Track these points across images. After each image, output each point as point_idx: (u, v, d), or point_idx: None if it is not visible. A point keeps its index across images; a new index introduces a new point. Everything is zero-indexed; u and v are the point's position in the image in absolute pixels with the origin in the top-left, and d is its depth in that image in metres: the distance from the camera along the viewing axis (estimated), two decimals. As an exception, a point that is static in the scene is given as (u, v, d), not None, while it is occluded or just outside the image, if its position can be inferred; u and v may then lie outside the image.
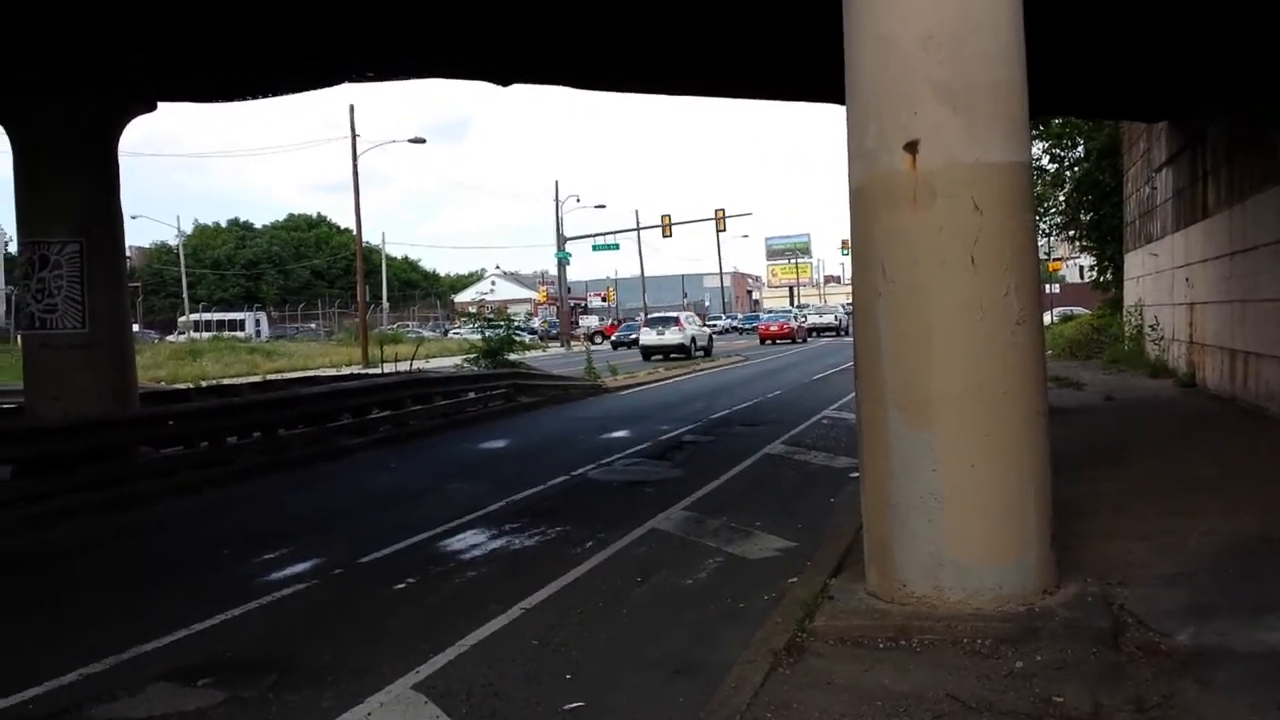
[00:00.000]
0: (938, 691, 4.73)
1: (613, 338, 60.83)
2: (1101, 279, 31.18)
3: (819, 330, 63.34)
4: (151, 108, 13.80)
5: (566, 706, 5.16)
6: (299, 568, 8.31)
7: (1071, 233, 31.95)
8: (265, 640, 6.51)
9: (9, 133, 13.09)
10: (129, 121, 13.66)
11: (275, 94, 13.93)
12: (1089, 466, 9.81)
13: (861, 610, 5.74)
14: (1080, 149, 29.96)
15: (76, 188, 12.75)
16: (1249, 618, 5.43)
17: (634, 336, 46.96)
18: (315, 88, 14.11)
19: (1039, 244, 6.48)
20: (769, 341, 54.66)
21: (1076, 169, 29.89)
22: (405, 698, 5.34)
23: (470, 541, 9.08)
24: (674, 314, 49.92)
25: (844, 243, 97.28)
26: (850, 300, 6.60)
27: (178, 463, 12.84)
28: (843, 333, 59.40)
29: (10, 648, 6.54)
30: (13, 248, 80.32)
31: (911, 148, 5.36)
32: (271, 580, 7.92)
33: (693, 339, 42.85)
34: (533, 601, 7.00)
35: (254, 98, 14.00)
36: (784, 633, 5.63)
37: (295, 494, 12.40)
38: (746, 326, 75.74)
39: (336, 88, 14.65)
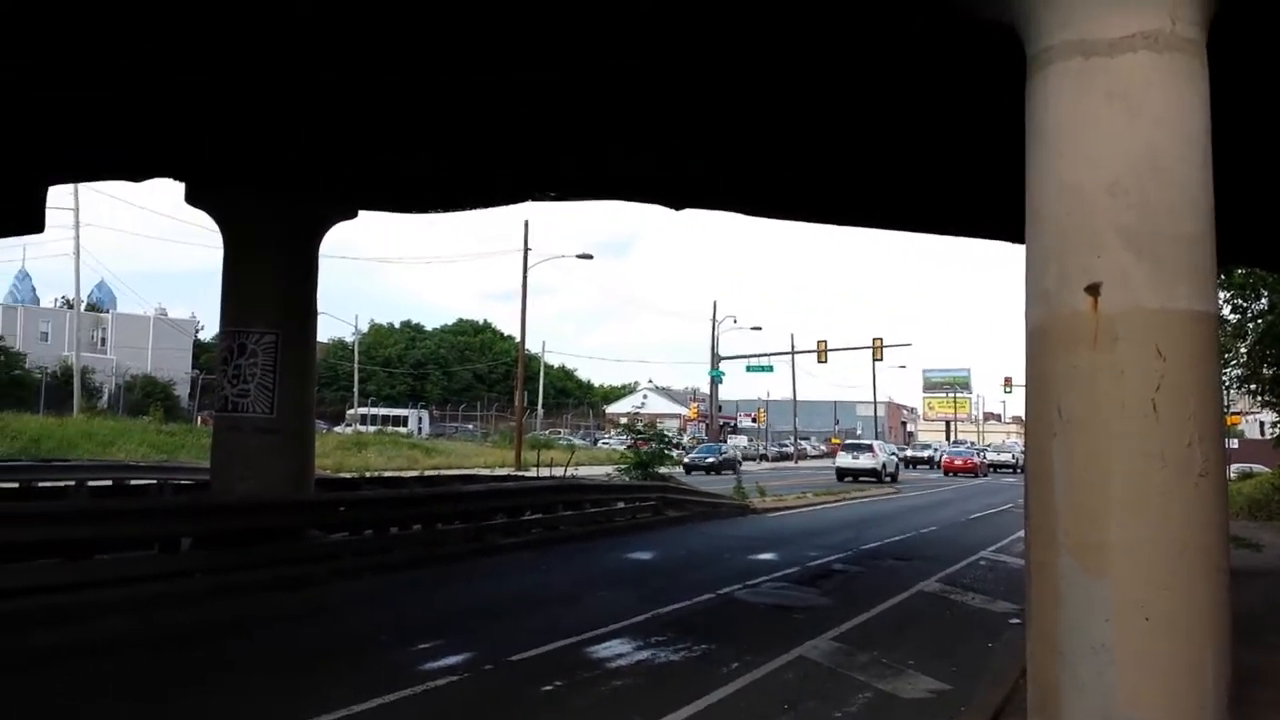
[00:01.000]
0: None
1: (686, 460, 46.90)
2: (1284, 436, 29.44)
3: (996, 467, 64.33)
4: (352, 215, 14.86)
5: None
6: (452, 660, 8.51)
7: (1253, 386, 30.37)
8: (418, 729, 6.70)
9: (222, 229, 14.27)
10: (332, 225, 14.73)
11: (465, 209, 14.87)
12: (1268, 633, 9.22)
13: (1023, 760, 5.53)
14: (1264, 301, 28.70)
15: (279, 283, 13.75)
16: None
17: (711, 460, 45.38)
18: (502, 204, 14.99)
19: (1220, 396, 6.34)
20: (951, 474, 57.23)
21: (1260, 321, 28.56)
22: (550, 801, 5.41)
23: (616, 650, 9.13)
24: (868, 441, 55.53)
25: (1006, 380, 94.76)
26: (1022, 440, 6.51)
27: (344, 548, 13.39)
28: (1018, 470, 59.94)
29: (177, 714, 6.90)
30: (202, 335, 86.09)
31: (1093, 290, 5.36)
32: (426, 670, 8.13)
33: (884, 465, 46.85)
34: (677, 718, 6.98)
35: (446, 210, 14.96)
36: (939, 776, 5.47)
37: (451, 587, 12.71)
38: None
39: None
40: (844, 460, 47.93)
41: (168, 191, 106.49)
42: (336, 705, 6.90)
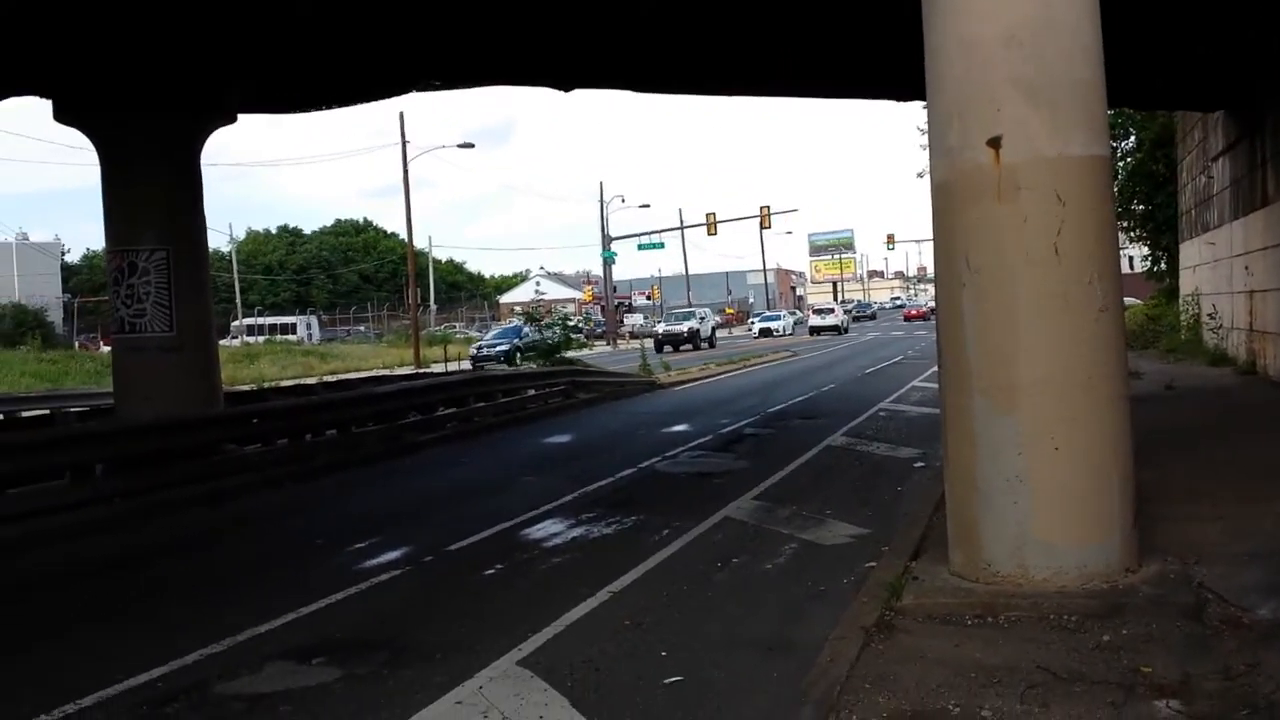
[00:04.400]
0: (1029, 664, 4.93)
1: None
2: (1155, 269, 30.96)
3: (934, 312, 77.63)
4: (232, 119, 14.28)
5: (667, 681, 5.41)
6: (391, 555, 8.64)
7: (1125, 223, 31.75)
8: (370, 622, 6.83)
9: (97, 147, 13.58)
10: (211, 132, 14.13)
11: (348, 104, 14.38)
12: (1157, 453, 9.86)
13: (948, 589, 5.95)
14: (1132, 139, 29.78)
15: (163, 197, 13.23)
16: (1329, 593, 5.57)
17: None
18: (385, 97, 14.53)
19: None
20: (911, 320, 75.72)
21: (1129, 160, 29.69)
22: (512, 673, 5.61)
23: (550, 530, 9.37)
24: (833, 306, 73.78)
25: (889, 237, 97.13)
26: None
27: (261, 460, 13.28)
28: None
29: (129, 634, 6.89)
30: (69, 257, 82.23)
31: (995, 143, 5.57)
32: (367, 568, 8.26)
33: (843, 321, 65.41)
34: (619, 585, 7.25)
35: (329, 108, 14.45)
36: (872, 611, 5.84)
37: (373, 488, 12.78)
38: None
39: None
40: (815, 320, 65.84)
41: (18, 111, 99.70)
42: (284, 609, 6.98)
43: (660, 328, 54.35)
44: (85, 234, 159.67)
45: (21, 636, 7.00)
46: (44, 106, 13.71)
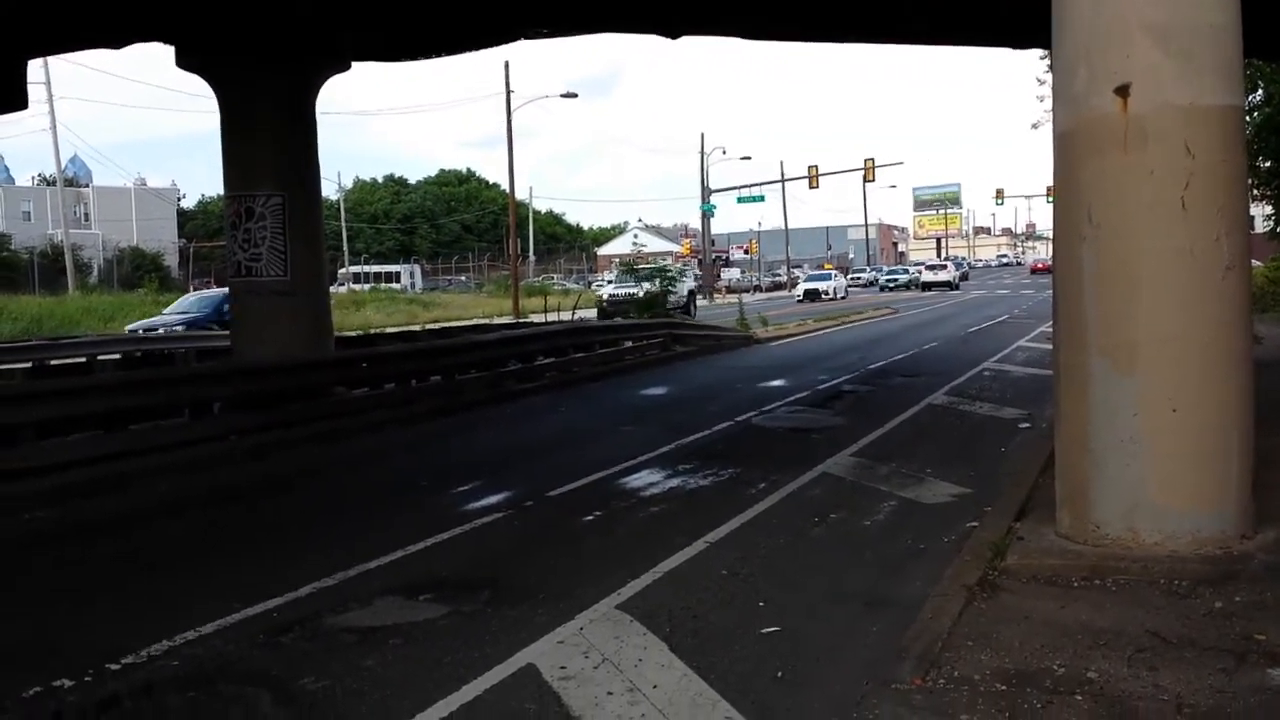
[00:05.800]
0: (1137, 628, 4.84)
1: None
2: (1279, 229, 29.59)
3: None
4: (346, 67, 14.53)
5: (764, 631, 5.44)
6: (493, 499, 8.83)
7: (1250, 180, 30.33)
8: (474, 562, 7.01)
9: (217, 93, 13.94)
10: (327, 79, 14.41)
11: (457, 51, 14.51)
12: (1274, 420, 9.51)
13: (1054, 550, 5.86)
14: (1260, 93, 28.37)
15: (279, 144, 13.54)
16: None
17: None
18: (494, 44, 14.61)
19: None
20: (1037, 273, 78.35)
21: (1258, 113, 28.29)
22: (611, 616, 5.70)
23: (648, 480, 9.45)
24: (945, 263, 76.64)
25: (998, 192, 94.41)
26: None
27: (368, 402, 13.66)
28: None
29: (245, 566, 7.16)
30: (184, 203, 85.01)
31: (1123, 91, 5.38)
32: (470, 510, 8.45)
33: (954, 277, 67.01)
34: (716, 536, 7.30)
35: (438, 55, 14.62)
36: (975, 570, 5.79)
37: (476, 433, 13.04)
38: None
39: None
40: (927, 276, 67.33)
41: (139, 58, 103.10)
42: (392, 547, 7.19)
43: (606, 291, 37.41)
44: (200, 180, 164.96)
45: (143, 566, 7.34)
46: (165, 54, 14.14)
